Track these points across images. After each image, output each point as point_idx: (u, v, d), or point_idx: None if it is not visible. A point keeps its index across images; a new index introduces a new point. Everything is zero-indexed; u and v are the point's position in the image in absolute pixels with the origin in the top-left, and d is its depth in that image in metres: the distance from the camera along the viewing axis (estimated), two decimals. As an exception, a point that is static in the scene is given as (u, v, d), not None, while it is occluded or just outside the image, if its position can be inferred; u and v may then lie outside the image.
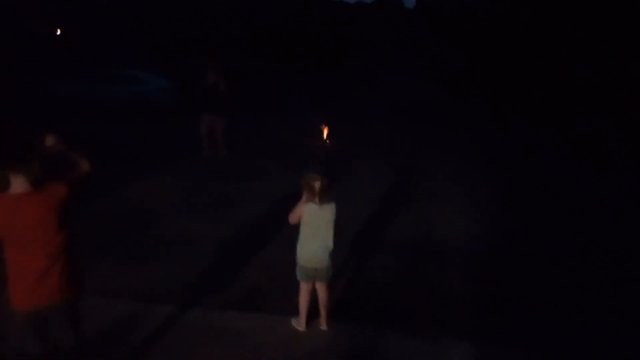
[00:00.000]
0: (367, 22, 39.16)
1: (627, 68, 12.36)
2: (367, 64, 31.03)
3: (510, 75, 18.46)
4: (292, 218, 4.11)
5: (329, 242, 4.04)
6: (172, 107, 17.72)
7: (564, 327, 4.52)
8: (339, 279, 5.12)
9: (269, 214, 7.15)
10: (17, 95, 16.52)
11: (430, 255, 5.97)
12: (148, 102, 17.03)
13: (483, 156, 11.72)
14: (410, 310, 4.71)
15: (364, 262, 5.69)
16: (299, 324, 4.28)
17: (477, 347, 4.11)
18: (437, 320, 4.54)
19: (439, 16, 21.67)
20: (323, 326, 4.29)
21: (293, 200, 4.13)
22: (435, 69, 27.81)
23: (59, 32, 27.24)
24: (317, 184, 3.93)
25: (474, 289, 5.13)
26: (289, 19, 30.17)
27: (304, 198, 4.02)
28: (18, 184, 2.78)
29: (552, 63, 16.71)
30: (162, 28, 28.17)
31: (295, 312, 4.31)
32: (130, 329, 4.19)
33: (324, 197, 3.97)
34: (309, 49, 28.58)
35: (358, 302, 4.83)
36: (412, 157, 11.53)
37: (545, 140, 13.83)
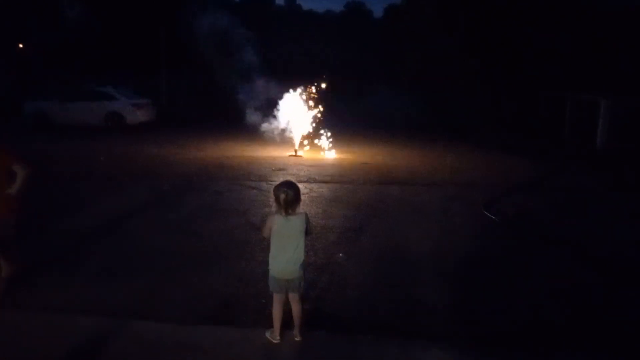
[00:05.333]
0: (336, 31, 39.50)
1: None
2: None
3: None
4: (264, 230, 4.14)
5: (300, 254, 4.07)
6: (146, 123, 17.62)
7: (540, 331, 4.59)
8: (312, 288, 5.12)
9: (242, 226, 7.13)
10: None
11: (402, 263, 6.00)
12: (121, 118, 16.88)
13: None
14: (383, 318, 4.73)
15: (337, 272, 5.70)
16: (273, 335, 4.25)
17: (450, 352, 4.14)
18: (410, 328, 4.56)
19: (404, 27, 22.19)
20: (297, 337, 4.27)
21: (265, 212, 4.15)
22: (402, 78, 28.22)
23: (20, 46, 26.79)
24: (282, 196, 3.97)
25: (447, 298, 5.16)
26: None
27: (273, 209, 4.05)
28: None
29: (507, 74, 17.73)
30: (134, 45, 27.98)
31: (270, 324, 4.29)
32: (99, 345, 4.11)
33: (291, 209, 4.01)
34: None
35: (332, 312, 4.82)
36: (388, 166, 11.67)
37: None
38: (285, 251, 4.04)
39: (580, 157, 13.37)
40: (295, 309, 4.25)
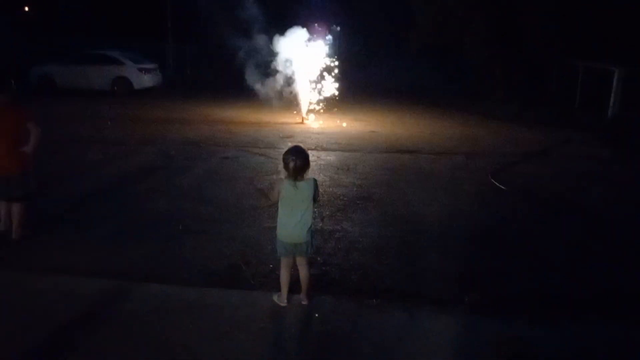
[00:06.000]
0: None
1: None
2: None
3: None
4: (272, 195, 4.15)
5: (308, 219, 4.08)
6: (153, 87, 17.52)
7: (542, 297, 4.61)
8: (319, 254, 5.15)
9: (250, 192, 7.14)
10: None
11: (410, 230, 6.01)
12: (129, 83, 16.77)
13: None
14: (390, 283, 4.76)
15: (344, 238, 5.72)
16: (280, 299, 4.29)
17: (457, 318, 4.17)
18: (415, 293, 4.59)
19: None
20: (304, 301, 4.31)
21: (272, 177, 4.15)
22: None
23: (26, 9, 26.49)
24: (291, 163, 3.96)
25: (453, 264, 5.18)
26: None
27: (281, 174, 4.04)
28: None
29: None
30: (141, 11, 27.60)
31: (277, 288, 4.33)
32: (107, 308, 4.18)
33: (299, 175, 4.01)
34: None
35: (338, 277, 4.85)
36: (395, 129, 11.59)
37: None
38: (294, 216, 4.05)
39: (592, 127, 13.18)
40: (303, 273, 4.28)
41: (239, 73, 13.75)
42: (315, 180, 4.15)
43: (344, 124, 12.86)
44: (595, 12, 18.46)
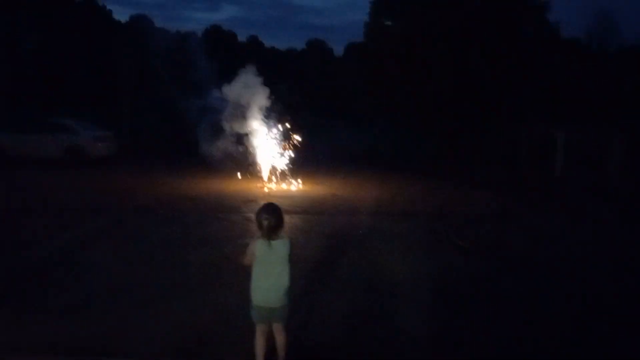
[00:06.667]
0: (298, 68, 40.22)
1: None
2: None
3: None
4: (246, 258, 4.00)
5: (284, 281, 3.93)
6: (109, 156, 17.17)
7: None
8: (291, 319, 4.97)
9: (215, 257, 6.92)
10: None
11: (380, 292, 5.94)
12: (82, 152, 16.34)
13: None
14: (366, 347, 4.63)
15: (316, 302, 5.57)
16: (255, 371, 4.07)
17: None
18: (392, 357, 4.47)
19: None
20: (280, 371, 4.11)
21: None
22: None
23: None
24: (265, 222, 3.87)
25: (425, 325, 5.11)
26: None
27: (256, 236, 3.95)
28: None
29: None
30: (93, 76, 27.60)
31: (251, 359, 4.12)
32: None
33: (273, 234, 3.90)
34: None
35: (314, 343, 4.69)
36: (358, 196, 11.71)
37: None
38: (268, 278, 3.90)
39: (541, 186, 13.77)
40: (280, 340, 4.08)
41: (196, 141, 13.77)
42: (290, 241, 4.05)
43: (305, 188, 12.92)
44: (536, 84, 19.90)
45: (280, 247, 3.92)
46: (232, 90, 12.94)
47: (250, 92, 13.13)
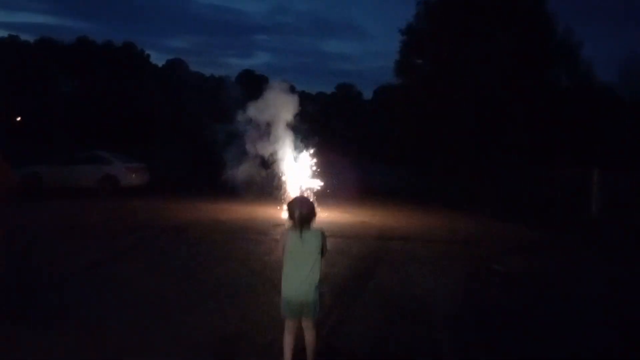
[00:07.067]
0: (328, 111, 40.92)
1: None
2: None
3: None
4: (279, 249, 3.93)
5: (316, 274, 3.81)
6: (140, 186, 17.48)
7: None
8: (321, 326, 4.83)
9: (243, 271, 6.86)
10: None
11: (409, 306, 5.76)
12: (115, 181, 16.71)
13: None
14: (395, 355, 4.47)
15: (346, 313, 5.42)
16: (284, 368, 3.93)
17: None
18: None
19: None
20: (309, 371, 3.95)
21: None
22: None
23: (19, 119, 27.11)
24: (297, 211, 3.80)
25: (456, 340, 4.91)
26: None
27: (286, 225, 3.88)
28: None
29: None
30: (130, 114, 28.57)
31: (280, 356, 3.98)
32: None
33: (304, 225, 3.82)
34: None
35: (343, 347, 4.53)
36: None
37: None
38: (300, 270, 3.79)
39: (577, 225, 13.34)
40: (309, 337, 3.94)
41: (224, 170, 13.82)
42: (323, 231, 3.96)
43: (334, 216, 12.80)
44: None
45: (312, 238, 3.83)
46: (259, 107, 12.85)
47: (278, 107, 13.01)
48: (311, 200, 4.05)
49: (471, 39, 18.90)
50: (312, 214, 3.87)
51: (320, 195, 13.58)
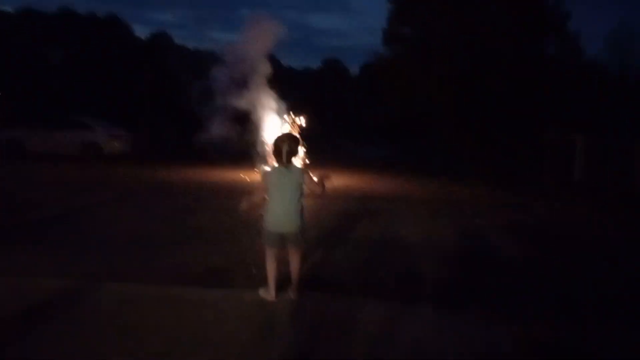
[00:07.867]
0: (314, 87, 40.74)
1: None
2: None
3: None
4: (257, 192, 4.06)
5: (298, 206, 3.91)
6: (123, 153, 17.23)
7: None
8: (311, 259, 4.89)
9: (230, 218, 6.86)
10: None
11: (394, 248, 5.90)
12: (98, 148, 16.45)
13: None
14: (381, 284, 4.59)
15: (331, 251, 5.48)
16: (268, 293, 3.95)
17: (445, 314, 3.90)
18: (407, 293, 4.36)
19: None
20: (293, 295, 3.98)
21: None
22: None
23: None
24: (285, 147, 3.83)
25: (438, 273, 5.04)
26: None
27: (264, 166, 3.94)
28: None
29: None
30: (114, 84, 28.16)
31: (264, 283, 4.00)
32: (85, 303, 3.82)
33: (291, 159, 3.88)
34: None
35: (327, 278, 4.64)
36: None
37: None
38: (284, 203, 3.86)
39: (560, 188, 13.50)
40: (294, 263, 4.01)
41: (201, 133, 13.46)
42: (306, 169, 4.09)
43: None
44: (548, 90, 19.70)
45: (296, 172, 3.91)
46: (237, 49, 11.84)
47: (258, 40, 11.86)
48: (297, 136, 4.08)
49: (461, 6, 18.74)
50: (296, 150, 3.98)
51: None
